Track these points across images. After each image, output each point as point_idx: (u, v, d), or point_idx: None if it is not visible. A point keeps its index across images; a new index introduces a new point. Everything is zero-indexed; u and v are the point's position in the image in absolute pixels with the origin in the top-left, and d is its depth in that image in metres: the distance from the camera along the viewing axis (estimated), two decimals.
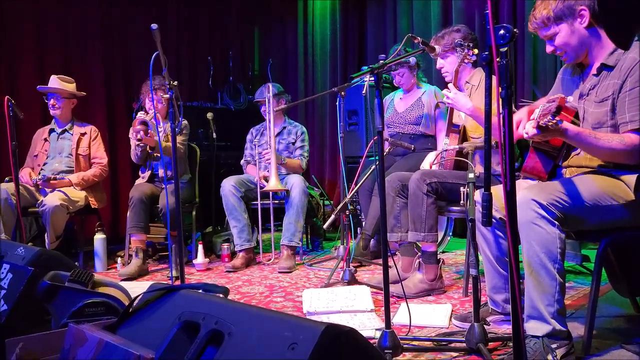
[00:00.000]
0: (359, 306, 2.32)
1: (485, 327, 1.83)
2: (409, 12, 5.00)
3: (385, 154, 2.35)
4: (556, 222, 1.67)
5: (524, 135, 1.77)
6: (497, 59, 1.25)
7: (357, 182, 2.88)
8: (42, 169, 3.59)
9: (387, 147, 3.08)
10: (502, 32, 1.25)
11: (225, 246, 3.63)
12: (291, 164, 3.74)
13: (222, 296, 1.22)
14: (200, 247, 3.48)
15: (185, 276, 2.54)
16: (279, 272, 3.30)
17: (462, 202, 1.91)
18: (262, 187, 3.53)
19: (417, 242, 2.77)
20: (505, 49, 1.24)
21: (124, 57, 4.77)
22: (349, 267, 2.91)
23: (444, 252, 3.70)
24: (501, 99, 1.25)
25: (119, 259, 3.54)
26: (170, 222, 2.72)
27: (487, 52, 1.30)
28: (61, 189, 3.41)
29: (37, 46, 4.28)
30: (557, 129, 1.64)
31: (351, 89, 3.91)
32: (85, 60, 4.53)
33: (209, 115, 4.32)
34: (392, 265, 2.31)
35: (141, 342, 1.13)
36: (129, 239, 3.51)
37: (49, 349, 1.35)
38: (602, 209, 1.74)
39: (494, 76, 1.29)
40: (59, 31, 4.39)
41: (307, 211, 3.65)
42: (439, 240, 3.43)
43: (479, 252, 1.99)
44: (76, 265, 2.10)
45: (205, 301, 1.16)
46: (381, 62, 1.93)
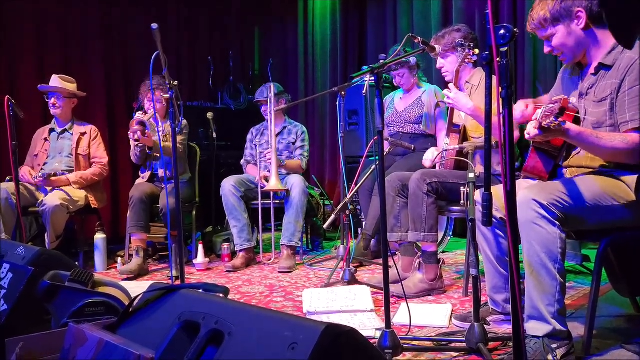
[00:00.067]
0: (359, 306, 2.32)
1: (485, 327, 1.83)
2: (409, 11, 5.01)
3: (385, 153, 2.35)
4: (557, 222, 1.67)
5: (526, 135, 1.77)
6: (498, 59, 1.25)
7: (357, 182, 2.88)
8: (42, 169, 3.58)
9: (387, 147, 3.08)
10: (502, 31, 1.25)
11: (225, 246, 3.63)
12: (291, 165, 3.73)
13: (222, 296, 1.22)
14: (200, 247, 3.49)
15: (185, 276, 2.54)
16: (279, 272, 3.30)
17: (462, 202, 1.91)
18: (262, 187, 3.54)
19: (417, 242, 2.77)
20: (505, 49, 1.25)
21: (124, 57, 4.77)
22: (349, 267, 2.91)
23: (444, 252, 3.70)
24: (501, 99, 1.25)
25: (119, 259, 3.54)
26: (170, 222, 2.72)
27: (487, 52, 1.30)
28: (62, 189, 3.40)
29: (37, 46, 4.28)
30: (559, 129, 1.64)
31: (351, 89, 3.91)
32: (85, 60, 4.53)
33: (209, 115, 4.32)
34: (392, 265, 2.31)
35: (141, 341, 1.13)
36: (129, 238, 3.51)
37: (49, 348, 1.35)
38: (603, 209, 1.74)
39: (494, 76, 1.29)
40: (59, 31, 4.39)
41: (307, 211, 3.66)
42: (439, 240, 3.43)
43: (479, 252, 1.99)
44: (76, 265, 2.10)
45: (205, 301, 1.16)
46: (381, 62, 1.93)
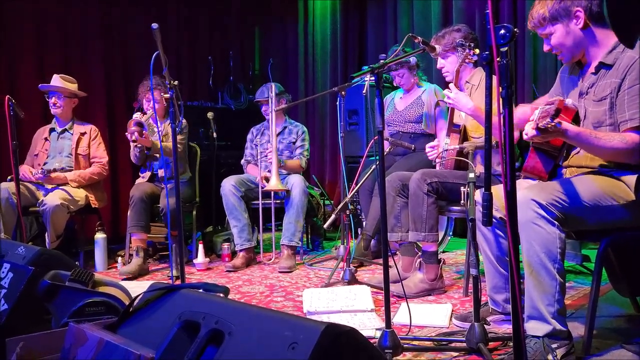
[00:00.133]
0: (359, 306, 2.32)
1: (485, 326, 1.83)
2: (409, 11, 5.01)
3: (385, 153, 2.35)
4: (556, 222, 1.67)
5: (524, 136, 1.77)
6: (498, 59, 1.25)
7: (357, 182, 2.88)
8: (42, 169, 3.58)
9: (387, 146, 3.08)
10: (502, 31, 1.25)
11: (225, 246, 3.63)
12: (291, 164, 3.73)
13: (222, 296, 1.22)
14: (200, 246, 3.49)
15: (185, 276, 2.54)
16: (279, 271, 3.30)
17: (462, 201, 1.91)
18: (262, 187, 3.53)
19: (417, 242, 2.77)
20: (505, 49, 1.25)
21: (124, 57, 4.77)
22: (349, 266, 2.91)
23: (444, 251, 3.70)
24: (501, 99, 1.25)
25: (119, 259, 3.54)
26: (170, 222, 2.72)
27: (487, 52, 1.30)
28: (62, 188, 3.41)
29: (37, 46, 4.28)
30: (556, 130, 1.64)
31: (351, 89, 3.91)
32: (85, 60, 4.52)
33: (210, 114, 4.32)
34: (392, 265, 2.31)
35: (141, 341, 1.13)
36: (129, 238, 3.51)
37: (50, 348, 1.35)
38: (603, 209, 1.74)
39: (494, 76, 1.29)
40: (59, 31, 4.39)
41: (308, 211, 3.65)
42: (439, 240, 3.43)
43: (479, 252, 1.99)
44: (76, 264, 2.10)
45: (205, 301, 1.16)
46: (381, 61, 1.93)
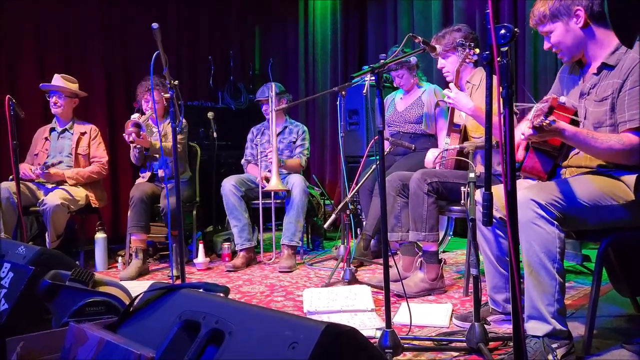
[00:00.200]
0: (360, 306, 2.32)
1: (485, 326, 1.83)
2: (409, 11, 5.00)
3: (385, 153, 2.35)
4: (555, 222, 1.67)
5: (521, 136, 1.77)
6: (498, 59, 1.25)
7: (357, 182, 2.88)
8: (39, 165, 3.57)
9: (387, 146, 3.08)
10: (502, 31, 1.25)
11: (225, 245, 3.63)
12: (291, 164, 3.73)
13: (222, 295, 1.22)
14: (200, 246, 3.49)
15: (185, 275, 2.55)
16: (280, 271, 3.30)
17: (462, 201, 1.91)
18: (262, 188, 3.54)
19: (417, 242, 2.77)
20: (506, 49, 1.25)
21: (124, 57, 4.77)
22: (349, 266, 2.91)
23: (444, 251, 3.70)
24: (502, 99, 1.25)
25: (119, 259, 3.54)
26: (171, 222, 2.72)
27: (487, 52, 1.30)
28: (63, 188, 3.41)
29: (37, 46, 4.28)
30: (552, 129, 1.64)
31: (352, 89, 3.91)
32: (85, 60, 4.52)
33: (210, 114, 4.32)
34: (392, 264, 2.31)
35: (142, 341, 1.13)
36: (129, 238, 3.51)
37: (50, 348, 1.35)
38: (602, 209, 1.74)
39: (494, 76, 1.29)
40: (59, 31, 4.39)
41: (308, 211, 3.65)
42: (439, 239, 3.43)
43: (479, 252, 1.99)
44: (77, 264, 2.09)
45: (205, 300, 1.16)
46: (382, 61, 1.93)
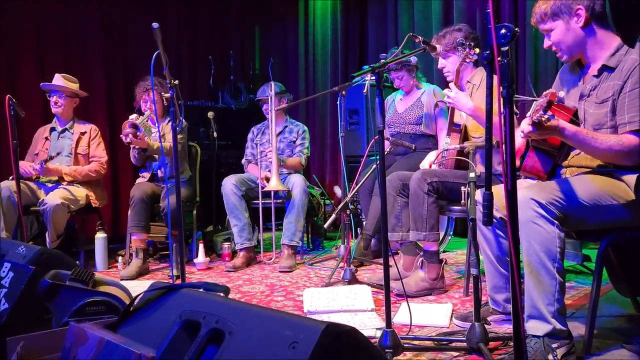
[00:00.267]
0: (360, 305, 2.32)
1: (486, 326, 1.82)
2: (410, 11, 5.01)
3: (386, 153, 2.35)
4: (555, 221, 1.67)
5: (521, 134, 1.77)
6: (499, 58, 1.24)
7: (357, 182, 2.88)
8: (38, 161, 3.57)
9: (388, 146, 3.08)
10: (503, 31, 1.24)
11: (226, 245, 3.64)
12: (291, 163, 3.74)
13: (222, 295, 1.22)
14: (201, 246, 3.49)
15: (186, 275, 2.55)
16: (280, 271, 3.30)
17: (463, 201, 1.91)
18: (263, 187, 3.53)
19: (418, 242, 2.77)
20: (506, 48, 1.24)
21: (124, 57, 4.77)
22: (349, 266, 2.91)
23: (444, 251, 3.70)
24: (502, 99, 1.25)
25: (119, 258, 3.54)
26: (171, 221, 2.72)
27: (488, 52, 1.29)
28: (64, 187, 3.41)
29: (37, 46, 4.28)
30: (551, 125, 1.64)
31: (352, 89, 3.91)
32: (85, 60, 4.53)
33: (210, 114, 4.32)
34: (392, 264, 2.31)
35: (142, 341, 1.13)
36: (129, 238, 3.51)
37: (50, 347, 1.35)
38: (603, 209, 1.74)
39: (495, 75, 1.29)
40: (59, 31, 4.39)
41: (308, 210, 3.65)
42: (440, 239, 3.43)
43: (479, 252, 1.99)
44: (77, 264, 2.09)
45: (206, 300, 1.16)
46: (382, 61, 1.92)
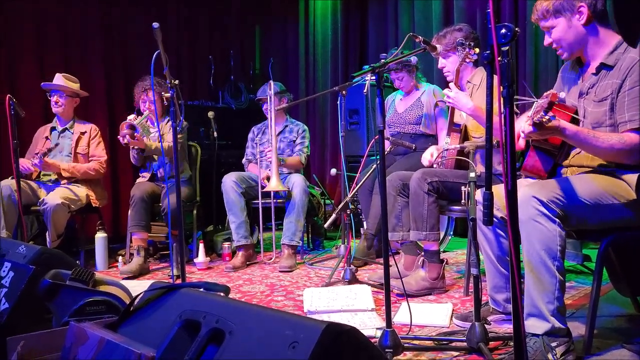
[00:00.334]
0: (360, 305, 2.32)
1: (486, 326, 1.83)
2: (410, 11, 5.01)
3: (386, 153, 2.35)
4: (557, 220, 1.67)
5: (521, 134, 1.77)
6: (499, 58, 1.24)
7: (357, 182, 2.88)
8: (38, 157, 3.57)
9: (388, 146, 3.08)
10: (503, 31, 1.24)
11: (226, 245, 3.64)
12: (291, 162, 3.74)
13: (223, 295, 1.22)
14: (201, 246, 3.49)
15: (186, 275, 2.55)
16: (280, 271, 3.30)
17: (463, 201, 1.91)
18: (263, 187, 3.53)
19: (418, 242, 2.77)
20: (506, 48, 1.24)
21: (124, 57, 4.77)
22: (349, 266, 2.91)
23: (444, 251, 3.70)
24: (502, 98, 1.25)
25: (120, 258, 3.54)
26: (171, 221, 2.72)
27: (488, 51, 1.29)
28: (65, 186, 3.41)
29: (37, 46, 4.28)
30: (552, 125, 1.64)
31: (352, 88, 3.91)
32: (85, 60, 4.53)
33: (210, 114, 4.32)
34: (392, 264, 2.31)
35: (142, 340, 1.13)
36: (130, 237, 3.52)
37: (50, 347, 1.35)
38: (604, 208, 1.74)
39: (495, 75, 1.29)
40: (59, 31, 4.39)
41: (308, 210, 3.65)
42: (440, 239, 3.43)
43: (480, 252, 1.99)
44: (77, 263, 2.09)
45: (206, 300, 1.16)
46: (382, 61, 1.93)
